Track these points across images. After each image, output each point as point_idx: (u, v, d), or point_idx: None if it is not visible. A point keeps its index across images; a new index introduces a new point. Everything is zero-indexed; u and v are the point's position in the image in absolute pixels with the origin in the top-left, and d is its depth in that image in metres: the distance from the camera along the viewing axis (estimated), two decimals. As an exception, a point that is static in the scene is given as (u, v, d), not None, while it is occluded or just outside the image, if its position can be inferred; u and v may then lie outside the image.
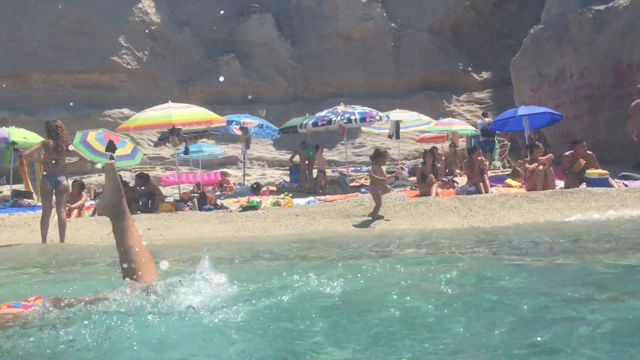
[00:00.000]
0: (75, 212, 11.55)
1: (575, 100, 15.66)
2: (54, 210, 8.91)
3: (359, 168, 21.94)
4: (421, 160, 13.23)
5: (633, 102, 12.19)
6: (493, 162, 17.38)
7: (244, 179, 19.24)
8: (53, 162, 8.55)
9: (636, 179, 11.77)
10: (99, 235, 9.08)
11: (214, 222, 9.43)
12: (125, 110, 23.50)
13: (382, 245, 6.39)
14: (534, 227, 7.28)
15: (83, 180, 20.93)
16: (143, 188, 12.41)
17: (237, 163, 23.47)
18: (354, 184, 16.25)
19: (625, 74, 14.63)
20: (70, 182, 10.49)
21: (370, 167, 9.88)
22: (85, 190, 13.00)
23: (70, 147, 8.82)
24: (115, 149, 16.08)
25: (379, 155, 9.39)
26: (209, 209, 11.10)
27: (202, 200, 11.75)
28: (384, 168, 9.49)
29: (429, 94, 26.34)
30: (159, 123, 12.29)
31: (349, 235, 7.79)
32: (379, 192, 9.02)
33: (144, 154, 21.80)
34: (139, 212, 11.36)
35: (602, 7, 15.07)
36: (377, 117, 14.77)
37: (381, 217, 8.85)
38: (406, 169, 18.34)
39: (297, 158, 16.89)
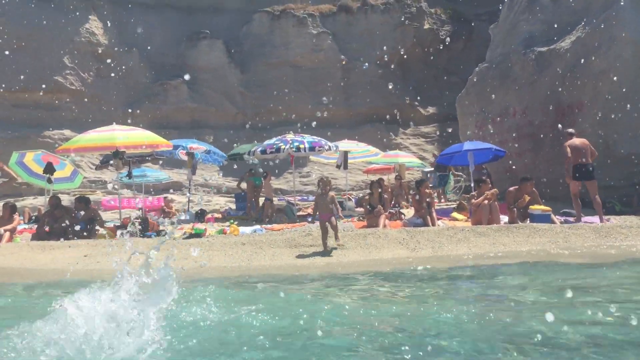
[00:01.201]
0: (7, 235, 10.89)
1: (518, 137, 16.09)
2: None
3: (306, 197, 21.84)
4: (368, 191, 13.24)
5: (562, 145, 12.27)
6: (447, 194, 17.76)
7: (188, 205, 18.79)
8: None
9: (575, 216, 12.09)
10: (31, 261, 8.58)
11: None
12: (67, 132, 22.71)
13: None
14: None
15: (16, 202, 20.07)
16: (83, 213, 11.87)
17: (181, 189, 22.96)
18: (300, 213, 16.10)
19: (565, 113, 15.15)
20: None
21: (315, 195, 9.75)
22: (17, 213, 12.30)
23: (2, 166, 8.33)
24: (54, 171, 15.49)
25: (320, 182, 9.25)
26: (151, 236, 10.69)
27: (145, 226, 11.31)
28: (332, 194, 9.31)
29: (377, 126, 26.67)
30: (102, 145, 11.82)
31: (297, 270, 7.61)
32: (324, 221, 8.86)
33: (85, 177, 21.04)
34: (75, 238, 10.82)
35: (544, 49, 15.64)
36: (326, 147, 14.74)
37: (328, 251, 8.64)
38: (353, 200, 18.36)
39: (244, 185, 16.64)
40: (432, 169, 18.44)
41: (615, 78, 13.31)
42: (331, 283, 6.40)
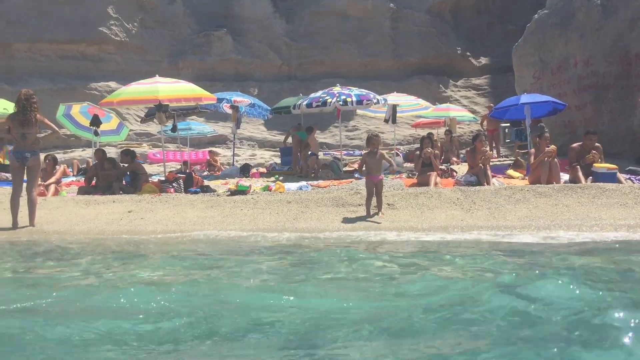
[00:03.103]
0: (52, 189, 10.87)
1: (579, 89, 15.14)
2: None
3: (352, 152, 21.37)
4: (417, 146, 12.66)
5: None
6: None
7: (233, 159, 18.62)
8: (20, 136, 7.90)
9: (642, 174, 11.28)
10: (76, 216, 8.49)
11: (199, 206, 8.84)
12: (113, 84, 22.63)
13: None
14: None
15: (65, 154, 20.32)
16: (127, 166, 11.75)
17: (226, 142, 22.78)
18: (347, 168, 15.70)
19: (632, 63, 14.10)
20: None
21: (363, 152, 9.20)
22: (60, 165, 12.28)
23: (42, 119, 8.14)
24: (100, 123, 15.45)
25: (370, 139, 8.64)
26: (195, 192, 10.48)
27: (189, 182, 11.11)
28: (383, 152, 8.73)
29: (426, 78, 25.68)
30: (145, 98, 11.56)
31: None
32: (372, 182, 8.33)
33: (131, 130, 21.07)
34: (121, 192, 10.73)
35: (611, -7, 14.47)
36: (374, 100, 14.15)
37: (372, 214, 8.17)
38: (401, 155, 17.81)
39: (290, 140, 16.30)
40: (508, 124, 17.42)
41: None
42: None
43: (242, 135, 23.22)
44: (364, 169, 8.72)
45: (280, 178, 13.27)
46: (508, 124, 17.49)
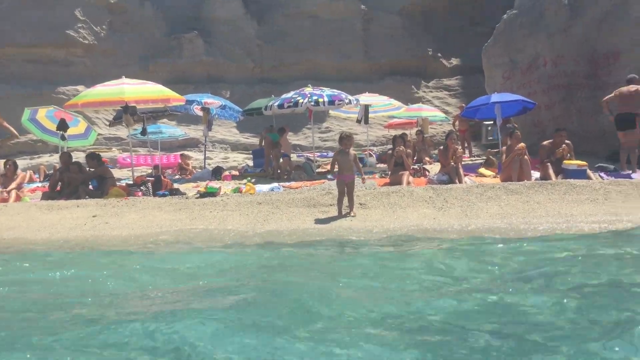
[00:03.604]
0: (13, 194, 10.53)
1: (548, 89, 15.26)
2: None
3: (325, 153, 21.26)
4: (390, 146, 12.61)
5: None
6: None
7: (204, 162, 18.36)
8: None
9: (611, 171, 11.39)
10: (38, 222, 8.22)
11: (167, 209, 8.63)
12: (81, 88, 22.10)
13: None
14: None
15: (33, 160, 19.85)
16: (93, 170, 11.44)
17: (198, 146, 22.50)
18: (320, 170, 15.58)
19: (600, 63, 14.27)
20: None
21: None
22: (21, 170, 11.90)
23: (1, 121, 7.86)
24: (67, 127, 15.06)
25: (342, 138, 8.55)
26: (164, 195, 10.25)
27: (157, 185, 10.88)
28: (354, 152, 8.66)
29: (398, 79, 25.72)
30: (111, 100, 11.27)
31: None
32: (344, 182, 8.22)
33: (100, 134, 20.66)
34: (86, 196, 10.43)
35: (579, -7, 14.64)
36: (346, 100, 14.06)
37: (344, 214, 8.06)
38: (374, 155, 17.77)
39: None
40: (492, 122, 17.42)
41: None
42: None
43: (215, 139, 22.96)
44: (335, 168, 8.61)
45: (253, 180, 13.08)
46: (491, 122, 17.49)
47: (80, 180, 11.00)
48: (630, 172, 10.92)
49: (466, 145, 18.89)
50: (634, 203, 7.65)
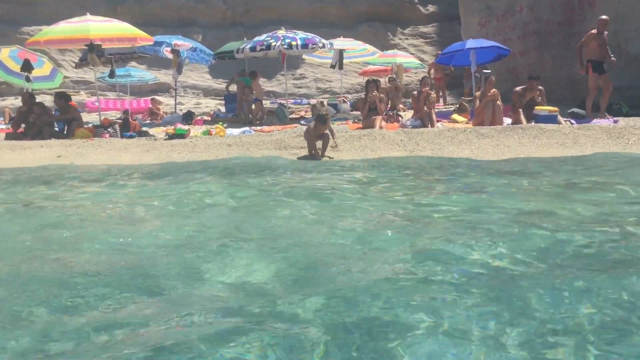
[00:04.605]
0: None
1: (523, 35, 15.19)
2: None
3: (299, 100, 21.00)
4: (363, 93, 12.45)
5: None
6: None
7: (175, 107, 17.99)
8: None
9: (582, 118, 11.45)
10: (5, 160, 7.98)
11: (134, 150, 8.45)
12: (45, 27, 21.28)
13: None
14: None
15: (-3, 103, 19.22)
16: (60, 110, 11.06)
17: (169, 91, 21.99)
18: (293, 116, 15.40)
19: (575, 10, 14.16)
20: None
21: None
22: None
23: None
24: (32, 69, 14.48)
25: (316, 115, 8.17)
26: (131, 136, 10.02)
27: (125, 127, 10.63)
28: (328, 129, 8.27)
29: (373, 25, 25.28)
30: (74, 37, 10.84)
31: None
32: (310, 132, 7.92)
33: (66, 77, 20.03)
34: (51, 137, 10.15)
35: None
36: (320, 44, 13.80)
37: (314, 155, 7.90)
38: (348, 103, 17.59)
39: (233, 87, 15.81)
40: (489, 70, 17.22)
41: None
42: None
43: (186, 84, 22.47)
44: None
45: (225, 125, 12.87)
46: (489, 70, 17.30)
47: (44, 121, 10.67)
48: (599, 118, 10.97)
49: (441, 94, 18.79)
50: (602, 147, 7.71)
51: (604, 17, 11.14)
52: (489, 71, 14.14)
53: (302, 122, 12.85)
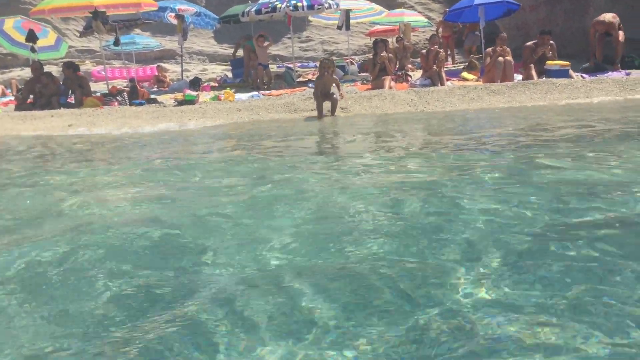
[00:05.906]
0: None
1: (533, -12, 14.87)
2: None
3: (306, 64, 20.79)
4: (371, 55, 12.29)
5: None
6: None
7: (182, 74, 17.88)
8: None
9: (593, 72, 11.29)
10: (12, 132, 8.01)
11: (145, 117, 8.44)
12: (48, -3, 21.15)
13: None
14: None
15: (4, 75, 19.19)
16: (69, 79, 11.00)
17: (175, 57, 21.80)
18: (300, 79, 15.29)
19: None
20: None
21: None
22: None
23: None
24: (37, 39, 14.43)
25: (321, 64, 8.14)
26: (140, 104, 10.01)
27: (133, 94, 10.60)
28: (335, 78, 8.23)
29: (380, -16, 24.79)
30: (79, 5, 10.73)
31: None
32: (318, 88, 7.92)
33: (71, 47, 19.88)
34: (61, 107, 10.16)
35: None
36: (326, 5, 13.58)
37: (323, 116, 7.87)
38: (356, 64, 17.41)
39: (240, 52, 15.67)
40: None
41: None
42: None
43: (192, 50, 22.27)
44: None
45: (232, 90, 12.81)
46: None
47: (53, 91, 10.67)
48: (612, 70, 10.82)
49: (449, 52, 18.53)
50: (614, 98, 7.63)
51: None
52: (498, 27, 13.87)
53: (310, 84, 12.77)
